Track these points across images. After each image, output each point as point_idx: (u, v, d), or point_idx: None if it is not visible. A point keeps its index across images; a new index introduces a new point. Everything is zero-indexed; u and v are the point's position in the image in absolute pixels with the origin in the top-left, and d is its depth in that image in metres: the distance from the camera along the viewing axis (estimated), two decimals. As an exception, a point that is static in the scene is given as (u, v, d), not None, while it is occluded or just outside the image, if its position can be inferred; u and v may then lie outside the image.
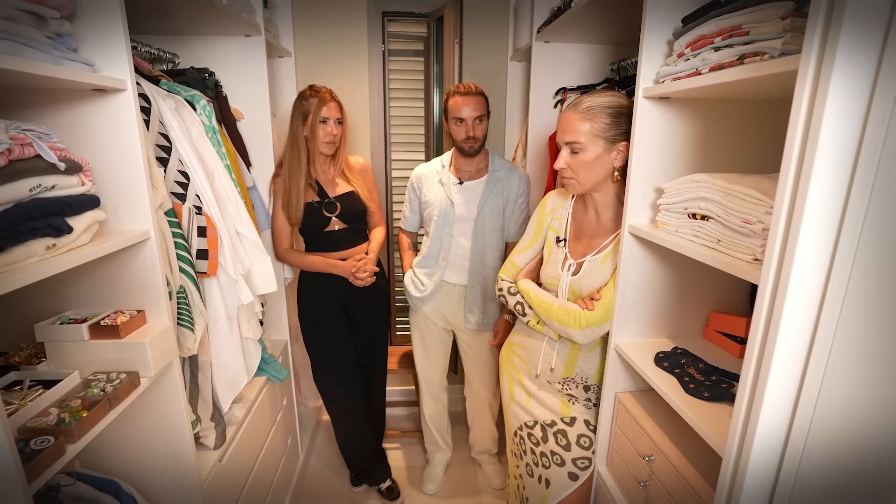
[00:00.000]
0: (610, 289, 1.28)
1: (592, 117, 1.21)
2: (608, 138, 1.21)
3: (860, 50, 0.60)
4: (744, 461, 0.79)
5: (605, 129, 1.20)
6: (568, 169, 1.26)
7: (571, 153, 1.24)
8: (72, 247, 0.92)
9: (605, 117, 1.20)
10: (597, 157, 1.23)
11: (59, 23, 0.90)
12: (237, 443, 1.51)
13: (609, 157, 1.24)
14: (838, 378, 0.72)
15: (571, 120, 1.23)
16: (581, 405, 1.43)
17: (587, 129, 1.21)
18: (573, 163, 1.25)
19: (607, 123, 1.20)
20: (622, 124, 1.21)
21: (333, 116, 1.77)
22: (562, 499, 1.41)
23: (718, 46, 0.92)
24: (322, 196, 1.84)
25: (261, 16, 1.78)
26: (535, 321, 1.41)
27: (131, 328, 1.09)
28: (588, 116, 1.21)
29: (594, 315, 1.27)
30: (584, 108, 1.22)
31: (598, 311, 1.27)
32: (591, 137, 1.21)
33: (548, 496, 1.42)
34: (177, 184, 1.29)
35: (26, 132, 0.86)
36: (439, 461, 2.30)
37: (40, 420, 0.89)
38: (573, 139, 1.22)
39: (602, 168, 1.25)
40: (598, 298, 1.29)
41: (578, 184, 1.28)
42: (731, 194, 0.93)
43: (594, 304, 1.28)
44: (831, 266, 0.67)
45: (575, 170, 1.25)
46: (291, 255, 1.90)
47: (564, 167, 1.26)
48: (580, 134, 1.21)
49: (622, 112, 1.21)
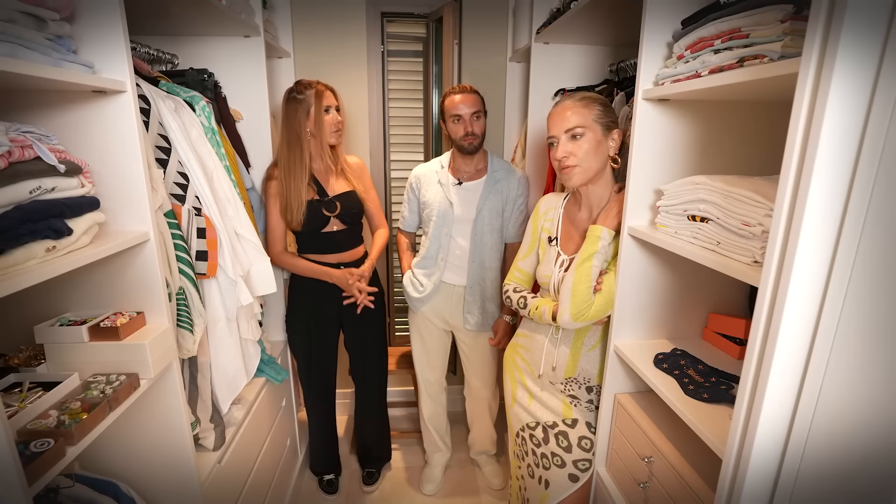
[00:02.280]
0: (611, 278, 1.29)
1: (588, 105, 1.27)
2: (604, 124, 1.27)
3: (860, 53, 0.60)
4: (744, 463, 0.79)
5: (601, 115, 1.27)
6: (571, 156, 1.27)
7: (572, 139, 1.27)
8: (71, 249, 0.92)
9: (599, 105, 1.27)
10: (598, 141, 1.27)
11: (58, 24, 0.90)
12: (236, 444, 1.51)
13: (606, 144, 1.29)
14: (838, 380, 0.72)
15: (569, 108, 1.27)
16: (583, 407, 1.43)
17: (587, 114, 1.26)
18: (575, 149, 1.26)
19: (601, 111, 1.27)
20: (610, 114, 1.28)
21: (334, 104, 1.77)
22: (561, 500, 1.41)
23: (718, 49, 0.92)
24: (322, 195, 1.83)
25: (260, 17, 1.78)
26: (534, 308, 1.40)
27: (131, 330, 1.09)
28: (585, 104, 1.27)
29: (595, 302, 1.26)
30: (578, 98, 1.29)
31: (599, 301, 1.27)
32: (591, 121, 1.26)
33: (547, 497, 1.42)
34: (176, 185, 1.29)
35: (26, 134, 0.86)
36: (438, 462, 2.30)
37: (40, 422, 0.89)
38: (575, 124, 1.26)
39: (602, 153, 1.29)
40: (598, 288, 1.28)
41: (582, 170, 1.28)
42: (730, 196, 0.93)
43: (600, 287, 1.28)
44: (831, 269, 0.68)
45: (579, 155, 1.26)
46: (285, 258, 1.86)
47: (566, 155, 1.27)
48: (582, 118, 1.26)
49: (607, 104, 1.29)
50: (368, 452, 2.28)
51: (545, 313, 1.35)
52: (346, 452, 2.49)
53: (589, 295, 1.26)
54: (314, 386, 2.05)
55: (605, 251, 1.29)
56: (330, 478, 2.23)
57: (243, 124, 1.84)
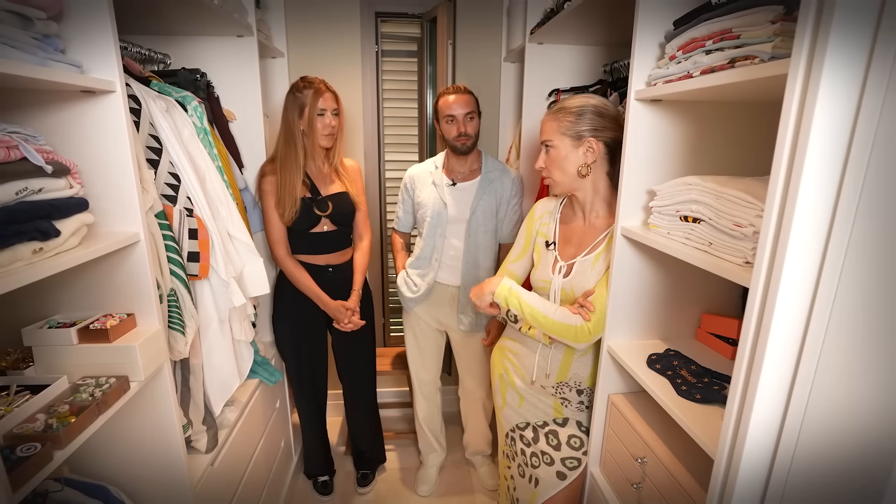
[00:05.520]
0: (602, 294, 1.29)
1: (558, 117, 1.29)
2: (573, 135, 1.28)
3: (849, 54, 0.60)
4: (735, 463, 0.79)
5: (570, 127, 1.27)
6: (545, 168, 1.34)
7: (546, 151, 1.33)
8: (59, 250, 0.91)
9: (570, 115, 1.28)
10: (565, 154, 1.29)
11: (45, 23, 0.89)
12: (229, 446, 1.50)
13: (577, 154, 1.29)
14: (829, 380, 0.72)
15: (545, 121, 1.33)
16: (574, 408, 1.43)
17: (555, 128, 1.29)
18: (547, 161, 1.34)
19: (570, 121, 1.27)
20: (586, 122, 1.26)
21: (330, 108, 1.73)
22: (549, 497, 1.41)
23: (709, 50, 0.93)
24: (314, 193, 1.81)
25: (253, 16, 1.77)
26: (526, 327, 1.41)
27: (121, 332, 1.08)
28: (556, 117, 1.29)
29: (593, 326, 1.28)
30: (554, 110, 1.31)
31: (595, 321, 1.28)
32: (557, 135, 1.29)
33: (536, 495, 1.42)
34: (167, 186, 1.28)
35: (12, 134, 0.85)
36: (433, 462, 2.30)
37: (27, 426, 0.88)
38: (545, 137, 1.32)
39: (571, 165, 1.30)
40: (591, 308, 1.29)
41: (554, 182, 1.35)
42: (722, 197, 0.93)
43: (590, 315, 1.28)
44: (821, 269, 0.68)
45: (549, 167, 1.34)
46: (289, 265, 1.83)
47: (543, 166, 1.35)
48: (550, 132, 1.30)
49: (586, 110, 1.27)
50: (362, 454, 2.28)
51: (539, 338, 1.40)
52: (342, 454, 2.48)
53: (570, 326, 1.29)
54: (304, 387, 2.03)
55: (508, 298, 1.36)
56: (324, 479, 2.23)
57: (236, 124, 1.83)
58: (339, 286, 1.91)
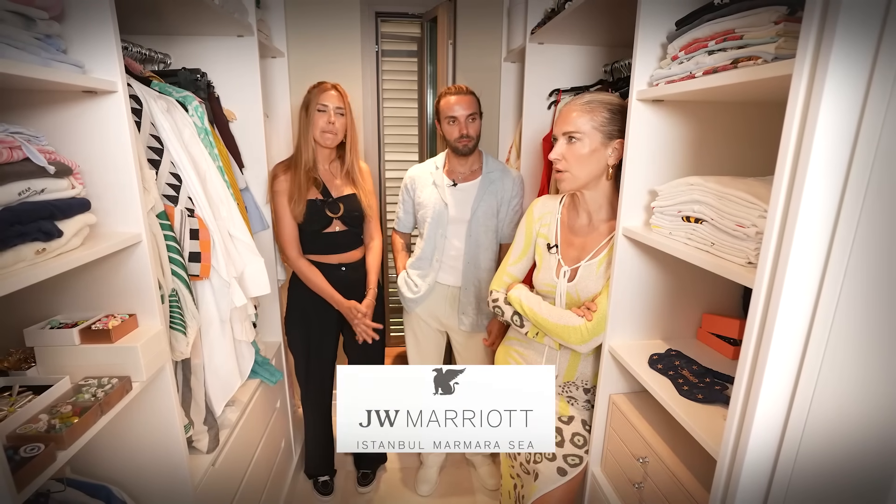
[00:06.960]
0: (604, 297, 1.29)
1: (593, 110, 1.23)
2: (605, 133, 1.23)
3: (854, 54, 0.60)
4: (738, 463, 0.80)
5: (604, 123, 1.23)
6: (563, 160, 1.26)
7: (569, 142, 1.25)
8: (62, 251, 0.91)
9: (605, 112, 1.23)
10: (593, 149, 1.24)
11: (47, 24, 0.88)
12: (230, 446, 1.50)
13: (604, 153, 1.25)
14: (833, 380, 0.72)
15: (574, 110, 1.25)
16: (580, 406, 1.43)
17: (587, 120, 1.23)
18: (569, 153, 1.25)
19: (606, 118, 1.23)
20: (618, 122, 1.23)
21: (332, 104, 1.73)
22: (547, 492, 1.40)
23: (712, 50, 0.93)
24: (326, 195, 1.82)
25: (253, 16, 1.76)
26: (533, 333, 1.41)
27: (123, 332, 1.08)
28: (589, 109, 1.23)
29: (593, 326, 1.28)
30: (585, 101, 1.25)
31: (595, 322, 1.28)
32: (590, 128, 1.23)
33: (535, 488, 1.42)
34: (168, 186, 1.28)
35: (15, 135, 0.85)
36: (433, 463, 2.29)
37: (30, 427, 0.88)
38: (573, 128, 1.24)
39: (596, 163, 1.26)
40: (594, 309, 1.29)
41: (572, 177, 1.28)
42: (724, 197, 0.94)
43: (592, 315, 1.28)
44: (825, 270, 0.68)
45: (570, 161, 1.26)
46: (302, 265, 1.83)
47: (560, 158, 1.27)
48: (580, 123, 1.23)
49: (619, 111, 1.24)
50: (363, 454, 2.27)
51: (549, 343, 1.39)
52: (342, 453, 2.48)
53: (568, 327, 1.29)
54: (312, 387, 2.04)
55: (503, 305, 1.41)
56: (325, 479, 2.23)
57: (237, 124, 1.83)
58: (351, 284, 1.91)
